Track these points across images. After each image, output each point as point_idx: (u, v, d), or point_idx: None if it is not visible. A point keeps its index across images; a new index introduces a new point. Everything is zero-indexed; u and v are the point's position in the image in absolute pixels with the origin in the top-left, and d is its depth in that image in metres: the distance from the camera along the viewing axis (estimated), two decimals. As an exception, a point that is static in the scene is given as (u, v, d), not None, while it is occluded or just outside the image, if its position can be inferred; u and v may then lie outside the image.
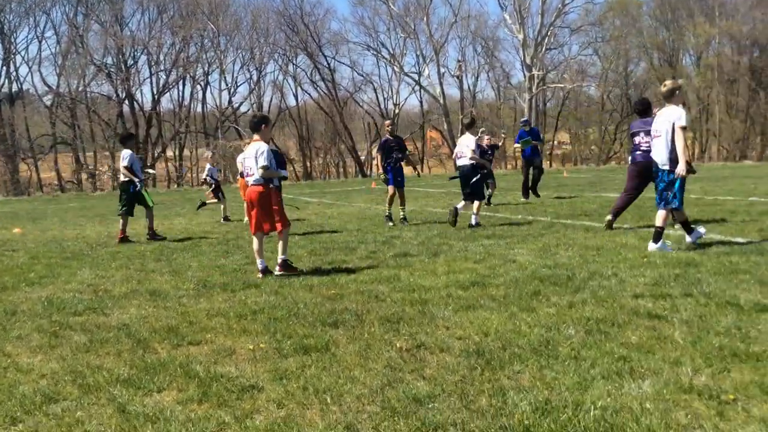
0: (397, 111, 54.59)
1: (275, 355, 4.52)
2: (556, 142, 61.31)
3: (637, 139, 9.41)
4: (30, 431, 3.42)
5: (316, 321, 5.33)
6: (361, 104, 57.78)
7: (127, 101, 50.79)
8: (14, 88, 53.36)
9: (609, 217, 9.68)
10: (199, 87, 54.41)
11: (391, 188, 11.88)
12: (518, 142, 16.44)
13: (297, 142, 59.39)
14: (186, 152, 55.23)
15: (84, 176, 50.54)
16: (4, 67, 52.33)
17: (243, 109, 56.10)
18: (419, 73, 51.90)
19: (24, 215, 20.93)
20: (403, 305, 5.70)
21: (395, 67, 52.71)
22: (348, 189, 28.23)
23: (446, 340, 4.64)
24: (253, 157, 7.39)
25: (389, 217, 12.06)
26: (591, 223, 10.47)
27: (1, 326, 5.69)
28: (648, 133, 8.48)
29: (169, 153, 54.21)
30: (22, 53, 56.08)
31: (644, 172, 9.02)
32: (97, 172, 50.62)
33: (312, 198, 22.40)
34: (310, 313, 5.62)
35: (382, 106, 56.68)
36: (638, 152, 9.36)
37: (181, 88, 53.83)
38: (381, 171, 11.93)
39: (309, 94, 57.23)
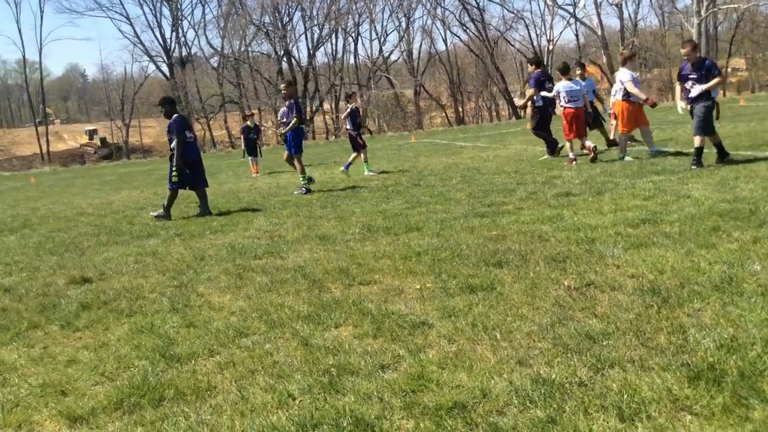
0: (551, 47, 52.33)
1: (442, 294, 4.62)
2: (729, 69, 56.01)
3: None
4: (226, 362, 3.77)
5: (479, 261, 5.37)
6: (512, 43, 56.12)
7: (285, 58, 52.89)
8: (184, 52, 57.43)
9: None
10: (350, 39, 55.46)
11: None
12: None
13: (448, 87, 58.97)
14: (342, 104, 56.76)
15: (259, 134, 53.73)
16: (174, 33, 56.37)
17: (393, 57, 56.49)
18: (574, 5, 49.31)
19: (201, 171, 22.66)
20: (568, 244, 5.57)
21: (548, 0, 50.30)
22: (502, 132, 27.72)
23: (617, 278, 4.49)
24: (579, 89, 11.55)
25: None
26: (776, 154, 9.54)
27: (193, 270, 6.27)
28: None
29: (326, 106, 56.02)
30: (188, 18, 60.02)
31: None
32: (262, 128, 53.49)
33: (466, 143, 22.27)
34: (473, 253, 5.66)
35: (535, 44, 54.62)
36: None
37: (333, 41, 55.24)
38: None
39: (458, 37, 56.57)
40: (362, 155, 14.18)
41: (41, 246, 8.48)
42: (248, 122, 19.35)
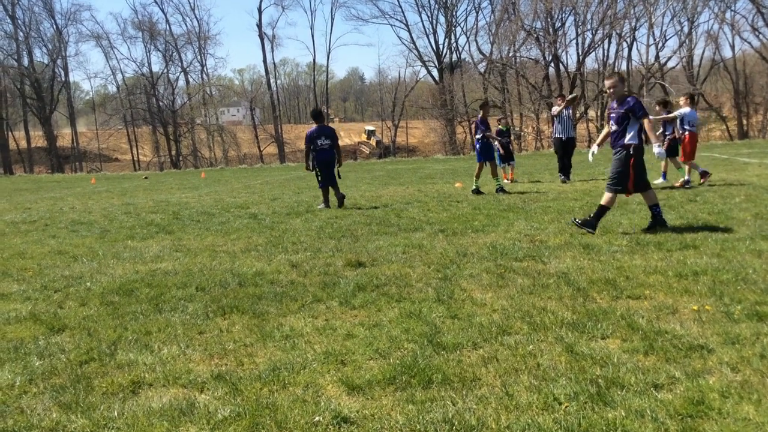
0: None
1: (723, 319, 4.23)
2: None
3: None
4: (490, 356, 3.84)
5: (770, 288, 4.82)
6: (817, 50, 49.01)
7: (552, 63, 52.12)
8: (454, 57, 59.54)
9: None
10: (624, 44, 52.90)
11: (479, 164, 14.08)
12: None
13: (732, 97, 53.53)
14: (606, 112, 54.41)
15: (511, 138, 53.98)
16: (447, 39, 58.64)
17: (670, 64, 52.78)
18: None
19: (462, 172, 23.29)
20: None
21: None
22: (798, 148, 24.38)
23: None
24: None
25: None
26: None
27: (456, 265, 6.48)
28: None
29: (591, 113, 54.11)
30: (462, 25, 62.06)
31: None
32: (522, 133, 53.38)
33: (751, 158, 20.01)
34: (761, 279, 5.10)
35: None
36: None
37: (606, 46, 53.06)
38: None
39: (749, 43, 50.93)
40: None
41: (322, 230, 9.39)
42: (500, 125, 19.01)
